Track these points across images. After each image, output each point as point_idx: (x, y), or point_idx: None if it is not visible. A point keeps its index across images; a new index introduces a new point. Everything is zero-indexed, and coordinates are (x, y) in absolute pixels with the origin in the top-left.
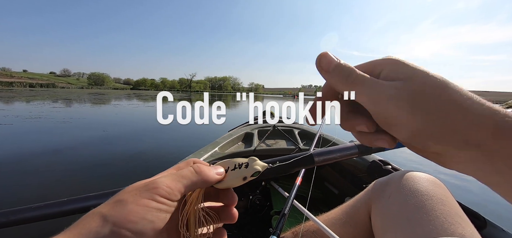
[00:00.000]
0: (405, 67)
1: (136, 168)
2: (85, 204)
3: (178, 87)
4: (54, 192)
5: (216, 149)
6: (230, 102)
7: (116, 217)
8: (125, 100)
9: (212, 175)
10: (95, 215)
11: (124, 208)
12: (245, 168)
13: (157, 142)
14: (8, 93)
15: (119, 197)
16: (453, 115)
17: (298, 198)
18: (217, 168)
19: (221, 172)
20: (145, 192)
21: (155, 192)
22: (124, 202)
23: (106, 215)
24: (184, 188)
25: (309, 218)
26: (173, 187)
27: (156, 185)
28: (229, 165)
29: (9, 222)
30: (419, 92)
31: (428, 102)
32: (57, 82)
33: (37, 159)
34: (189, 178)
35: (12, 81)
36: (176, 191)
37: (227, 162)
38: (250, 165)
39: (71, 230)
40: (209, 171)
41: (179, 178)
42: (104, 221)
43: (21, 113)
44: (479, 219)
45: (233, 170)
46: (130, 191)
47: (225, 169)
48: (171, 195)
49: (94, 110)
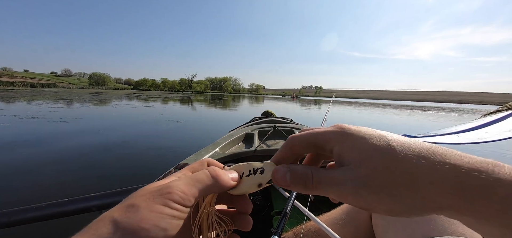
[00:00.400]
0: (352, 148)
1: (136, 169)
2: (86, 205)
3: (179, 88)
4: (54, 192)
5: (216, 150)
6: (230, 102)
7: (128, 224)
8: (124, 100)
9: (228, 181)
10: (107, 220)
11: (137, 214)
12: (261, 174)
13: (158, 142)
14: (8, 92)
15: (131, 201)
16: (414, 187)
17: (299, 198)
18: (232, 173)
19: (235, 177)
20: (158, 197)
21: (169, 198)
22: (137, 207)
23: (118, 221)
24: (198, 193)
25: (310, 218)
26: (188, 192)
27: (170, 190)
28: (243, 170)
29: (11, 222)
30: (373, 177)
31: (384, 184)
32: (58, 82)
33: (35, 160)
34: (204, 183)
35: (13, 81)
36: (190, 196)
37: (242, 166)
38: (265, 171)
39: (82, 234)
40: (225, 175)
41: (194, 182)
42: (116, 228)
43: (18, 113)
44: None
45: (247, 176)
46: (143, 194)
47: (240, 175)
48: (185, 201)
49: (92, 110)
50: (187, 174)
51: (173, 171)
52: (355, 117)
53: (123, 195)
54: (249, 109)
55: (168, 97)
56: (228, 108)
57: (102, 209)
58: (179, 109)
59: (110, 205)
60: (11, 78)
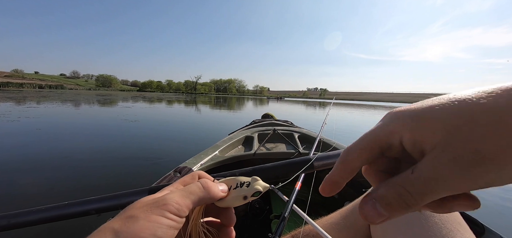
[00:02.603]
0: (428, 126)
1: (136, 173)
2: (85, 208)
3: (184, 89)
4: (53, 193)
5: (216, 153)
6: (234, 104)
7: (127, 233)
8: (129, 102)
9: (218, 192)
10: (107, 230)
11: (135, 224)
12: (247, 187)
13: (158, 144)
14: (17, 93)
15: (130, 213)
16: None
17: (298, 202)
18: (221, 185)
19: (225, 189)
20: (155, 208)
21: (165, 209)
22: (135, 218)
23: (118, 231)
24: (192, 204)
25: (308, 222)
26: (182, 203)
27: (166, 202)
28: (231, 184)
29: (11, 225)
30: (460, 158)
31: (486, 152)
32: (66, 84)
33: (34, 161)
34: (197, 194)
35: (22, 82)
36: (184, 207)
37: (230, 180)
38: (251, 185)
39: None
40: (215, 187)
41: (188, 194)
42: (116, 237)
43: (20, 114)
44: (477, 226)
45: (235, 189)
46: (141, 206)
47: (228, 187)
48: (180, 212)
49: (94, 111)
50: (179, 187)
51: (172, 174)
52: (358, 120)
53: (121, 199)
54: (235, 112)
55: (172, 99)
56: (232, 109)
57: (101, 212)
58: (181, 111)
59: (109, 208)
60: (21, 80)
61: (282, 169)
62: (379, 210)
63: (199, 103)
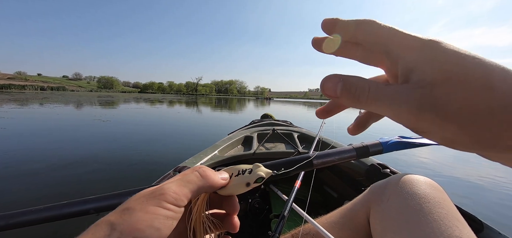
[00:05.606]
0: (432, 61)
1: (135, 172)
2: (84, 207)
3: (185, 91)
4: (53, 193)
5: (215, 153)
6: (235, 105)
7: (124, 226)
8: (127, 104)
9: (218, 180)
10: (103, 224)
11: (132, 217)
12: (249, 174)
13: (157, 144)
14: (20, 95)
15: (126, 205)
16: (498, 124)
17: (297, 201)
18: (221, 173)
19: (225, 177)
20: (152, 199)
21: (162, 199)
22: (132, 210)
23: (114, 224)
24: (190, 193)
25: (308, 221)
26: (180, 192)
27: (163, 192)
28: (233, 172)
29: (9, 225)
30: (449, 102)
31: (463, 114)
32: (68, 85)
33: (34, 161)
34: (195, 183)
35: (25, 84)
36: (183, 196)
37: (231, 168)
38: (253, 171)
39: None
40: (214, 175)
41: (185, 183)
42: (112, 230)
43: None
44: (476, 222)
45: (236, 176)
46: (137, 199)
47: (229, 175)
48: (178, 201)
49: (94, 112)
50: (178, 178)
51: (171, 173)
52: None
53: (121, 198)
54: (229, 113)
55: (173, 100)
56: (233, 111)
57: (100, 211)
58: (181, 111)
59: (108, 208)
60: (24, 82)
61: (282, 166)
62: (337, 87)
63: (199, 104)
